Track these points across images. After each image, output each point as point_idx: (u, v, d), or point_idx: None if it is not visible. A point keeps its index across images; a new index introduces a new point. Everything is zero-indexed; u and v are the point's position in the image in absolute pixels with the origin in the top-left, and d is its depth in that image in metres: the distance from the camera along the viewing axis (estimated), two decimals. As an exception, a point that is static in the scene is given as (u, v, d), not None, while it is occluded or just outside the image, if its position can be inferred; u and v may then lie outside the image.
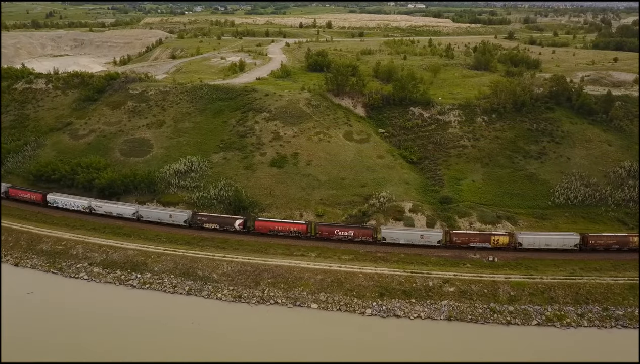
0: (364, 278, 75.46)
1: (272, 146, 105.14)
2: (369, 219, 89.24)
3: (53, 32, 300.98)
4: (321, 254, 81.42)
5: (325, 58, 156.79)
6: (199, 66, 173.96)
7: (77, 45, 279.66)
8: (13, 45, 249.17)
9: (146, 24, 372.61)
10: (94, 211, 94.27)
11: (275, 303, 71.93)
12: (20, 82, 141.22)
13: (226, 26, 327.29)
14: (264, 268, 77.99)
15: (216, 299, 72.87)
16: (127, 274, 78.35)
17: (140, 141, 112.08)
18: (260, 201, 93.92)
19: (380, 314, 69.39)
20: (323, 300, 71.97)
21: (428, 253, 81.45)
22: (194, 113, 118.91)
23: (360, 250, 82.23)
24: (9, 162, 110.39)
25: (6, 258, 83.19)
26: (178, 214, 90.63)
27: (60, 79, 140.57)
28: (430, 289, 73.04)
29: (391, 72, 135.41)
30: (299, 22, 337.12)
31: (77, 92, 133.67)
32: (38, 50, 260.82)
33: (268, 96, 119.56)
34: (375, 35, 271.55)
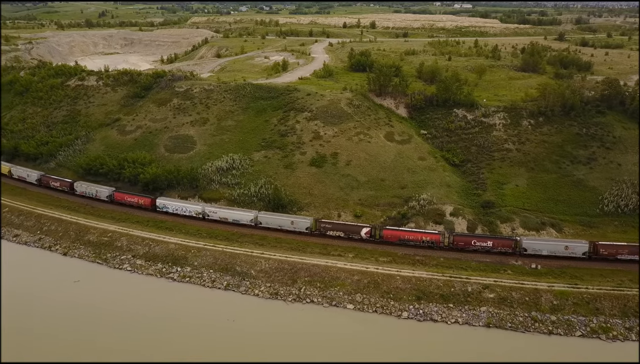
0: (402, 280, 74.63)
1: (312, 145, 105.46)
2: (408, 221, 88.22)
3: (105, 31, 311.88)
4: (358, 255, 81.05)
5: (368, 58, 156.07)
6: (243, 65, 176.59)
7: (127, 44, 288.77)
8: (67, 43, 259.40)
9: (193, 23, 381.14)
10: (207, 216, 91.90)
11: (311, 301, 72.11)
12: (73, 79, 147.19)
13: (270, 26, 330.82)
14: (300, 267, 78.31)
15: (253, 296, 73.69)
16: (168, 268, 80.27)
17: (184, 137, 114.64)
18: (299, 200, 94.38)
19: (417, 317, 68.47)
20: (359, 301, 71.64)
21: (468, 258, 79.80)
22: (237, 111, 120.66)
23: (399, 252, 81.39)
24: (61, 155, 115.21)
25: (55, 247, 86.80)
26: (300, 221, 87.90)
27: (110, 77, 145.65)
28: (469, 294, 71.53)
29: (435, 73, 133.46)
30: (343, 22, 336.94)
31: (125, 89, 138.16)
32: (90, 49, 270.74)
33: (310, 96, 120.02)
34: (419, 36, 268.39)
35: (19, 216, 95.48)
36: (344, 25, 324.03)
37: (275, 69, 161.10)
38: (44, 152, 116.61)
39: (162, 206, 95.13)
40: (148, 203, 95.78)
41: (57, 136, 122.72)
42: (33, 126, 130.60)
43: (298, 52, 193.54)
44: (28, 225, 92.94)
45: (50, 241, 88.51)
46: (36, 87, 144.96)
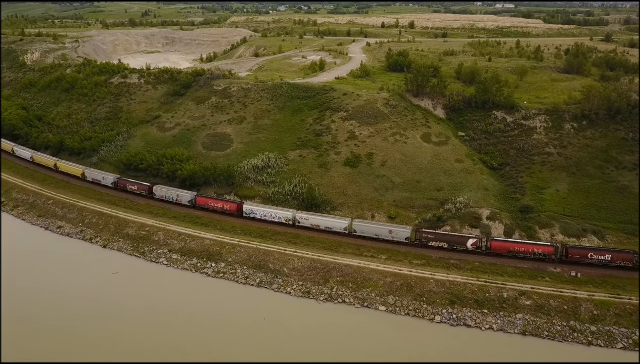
0: (435, 283, 73.63)
1: (347, 145, 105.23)
2: (443, 224, 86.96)
3: (147, 30, 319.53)
4: (391, 257, 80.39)
5: (406, 58, 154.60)
6: (280, 64, 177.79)
7: (168, 43, 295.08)
8: (112, 42, 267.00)
9: (232, 22, 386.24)
10: (298, 223, 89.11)
11: (343, 301, 71.99)
12: (116, 77, 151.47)
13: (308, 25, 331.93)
14: (333, 266, 78.26)
15: (285, 293, 74.12)
16: (203, 263, 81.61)
17: (222, 135, 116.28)
18: (333, 200, 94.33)
19: (449, 322, 67.43)
20: (391, 303, 71.07)
21: (504, 263, 78.07)
22: (274, 110, 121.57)
23: (433, 256, 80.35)
24: (103, 150, 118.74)
25: (96, 239, 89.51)
26: (399, 231, 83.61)
27: (152, 74, 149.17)
28: (505, 300, 69.93)
29: (474, 73, 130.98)
30: (381, 21, 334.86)
31: (165, 87, 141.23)
32: (133, 47, 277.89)
33: (346, 95, 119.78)
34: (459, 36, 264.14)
35: (63, 208, 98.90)
36: (382, 25, 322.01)
37: (312, 68, 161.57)
38: (87, 147, 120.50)
39: (250, 212, 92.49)
40: (234, 209, 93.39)
41: (99, 131, 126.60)
42: (77, 121, 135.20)
43: (335, 52, 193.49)
44: (71, 217, 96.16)
45: (91, 233, 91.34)
46: (81, 84, 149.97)
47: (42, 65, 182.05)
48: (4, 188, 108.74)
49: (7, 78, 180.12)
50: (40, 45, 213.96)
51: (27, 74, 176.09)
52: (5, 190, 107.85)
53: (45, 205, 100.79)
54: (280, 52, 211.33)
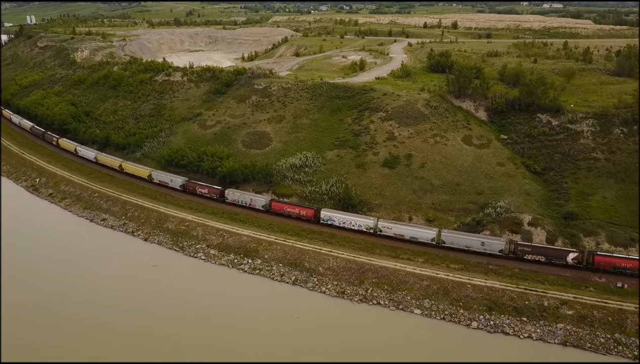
0: (473, 289, 72.19)
1: (386, 145, 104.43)
2: (483, 228, 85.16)
3: (191, 29, 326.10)
4: (428, 260, 79.32)
5: (448, 59, 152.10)
6: (321, 64, 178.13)
7: (211, 42, 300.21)
8: (157, 41, 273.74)
9: (274, 22, 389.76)
10: (380, 232, 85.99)
11: (377, 303, 71.52)
12: (161, 75, 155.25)
13: (350, 25, 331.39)
14: (368, 267, 77.84)
15: (320, 293, 74.22)
16: (240, 259, 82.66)
17: (261, 134, 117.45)
18: (370, 200, 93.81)
19: (487, 328, 66.00)
20: (427, 307, 70.12)
21: (545, 271, 75.79)
22: (313, 110, 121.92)
23: (471, 260, 78.80)
24: (146, 146, 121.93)
25: (138, 233, 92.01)
26: (493, 243, 79.80)
27: (194, 73, 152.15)
28: (545, 309, 67.86)
29: (519, 75, 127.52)
30: (424, 22, 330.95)
31: (208, 85, 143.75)
32: (177, 46, 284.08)
33: (386, 96, 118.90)
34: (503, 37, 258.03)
35: (107, 201, 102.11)
36: (424, 26, 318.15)
37: (352, 68, 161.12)
38: (131, 142, 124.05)
39: (327, 219, 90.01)
40: (311, 215, 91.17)
41: (143, 128, 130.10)
42: (123, 118, 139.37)
43: (376, 52, 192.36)
44: (114, 210, 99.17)
45: (134, 226, 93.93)
46: (127, 82, 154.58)
47: (91, 63, 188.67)
48: (53, 180, 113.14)
49: (59, 75, 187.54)
50: (89, 44, 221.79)
51: (77, 71, 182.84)
52: (54, 182, 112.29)
53: (91, 198, 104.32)
54: (321, 51, 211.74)
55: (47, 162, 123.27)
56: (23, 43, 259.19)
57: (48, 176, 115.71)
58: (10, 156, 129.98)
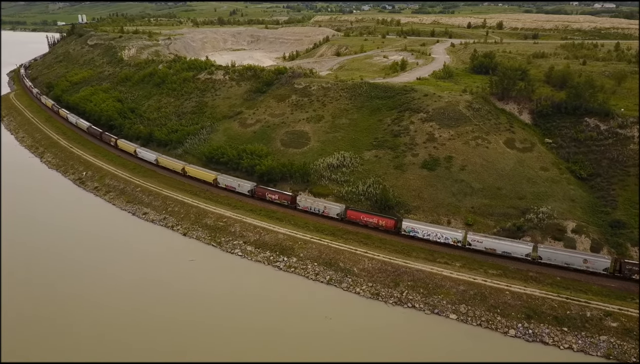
0: (511, 296, 70.33)
1: (426, 147, 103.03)
2: (523, 234, 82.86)
3: (234, 29, 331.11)
4: (466, 265, 77.79)
5: (492, 60, 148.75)
6: (361, 64, 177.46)
7: (253, 41, 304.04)
8: (200, 39, 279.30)
9: (316, 22, 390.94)
10: (469, 245, 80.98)
11: (412, 306, 70.68)
12: (203, 73, 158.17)
13: (392, 25, 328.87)
14: (404, 270, 77.00)
15: (354, 293, 73.93)
16: (276, 256, 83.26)
17: (300, 133, 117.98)
18: (407, 202, 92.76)
19: (525, 337, 64.20)
20: (463, 312, 68.79)
21: (589, 280, 73.05)
22: (352, 110, 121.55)
23: (510, 267, 76.80)
24: (187, 143, 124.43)
25: (177, 227, 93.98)
26: (597, 261, 74.41)
27: (236, 71, 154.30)
28: (588, 320, 65.44)
29: (566, 77, 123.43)
30: (467, 22, 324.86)
31: (249, 84, 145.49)
32: (220, 45, 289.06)
33: (427, 97, 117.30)
34: (551, 38, 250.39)
35: (149, 196, 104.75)
36: (468, 26, 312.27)
37: (393, 68, 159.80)
38: (173, 139, 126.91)
39: (409, 230, 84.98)
40: (391, 225, 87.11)
41: (185, 125, 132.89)
42: (166, 114, 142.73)
43: (418, 52, 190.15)
44: (155, 205, 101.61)
45: (173, 221, 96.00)
46: (171, 80, 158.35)
47: (137, 61, 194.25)
48: (98, 174, 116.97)
49: (107, 72, 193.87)
50: (136, 42, 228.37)
51: (123, 69, 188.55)
52: (99, 176, 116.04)
53: (134, 192, 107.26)
54: (362, 51, 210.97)
55: (94, 156, 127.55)
56: (74, 41, 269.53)
57: (94, 169, 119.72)
58: (60, 149, 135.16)
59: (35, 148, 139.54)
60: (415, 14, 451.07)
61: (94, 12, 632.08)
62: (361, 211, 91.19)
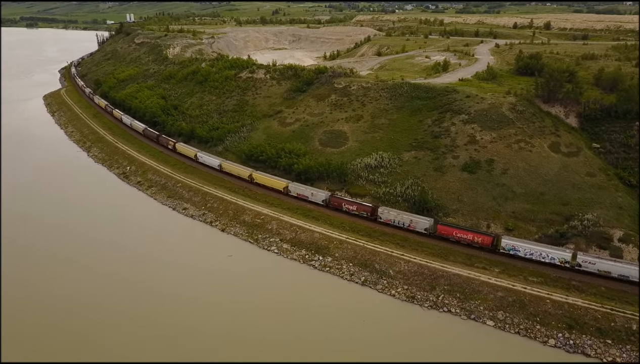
0: (552, 305, 68.18)
1: (466, 149, 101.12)
2: (567, 242, 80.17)
3: (276, 28, 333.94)
4: (505, 271, 75.90)
5: (539, 61, 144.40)
6: (402, 64, 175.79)
7: (295, 40, 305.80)
8: (243, 38, 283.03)
9: (357, 21, 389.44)
10: (579, 267, 74.14)
11: (448, 311, 69.54)
12: (245, 71, 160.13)
13: (434, 25, 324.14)
14: (441, 274, 75.83)
15: (389, 296, 73.33)
16: (311, 255, 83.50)
17: (338, 133, 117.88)
18: (446, 205, 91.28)
19: (565, 347, 62.16)
20: (501, 319, 67.19)
21: (635, 292, 69.97)
22: (391, 110, 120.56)
23: (551, 274, 74.46)
24: (228, 140, 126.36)
25: (215, 223, 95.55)
26: None
27: (277, 71, 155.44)
28: (634, 333, 62.74)
29: (617, 80, 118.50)
30: (514, 22, 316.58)
31: (289, 83, 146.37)
32: (262, 44, 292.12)
33: (469, 98, 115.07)
34: (602, 39, 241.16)
35: (189, 192, 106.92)
36: (514, 26, 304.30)
37: (435, 69, 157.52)
38: (214, 136, 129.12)
39: (509, 248, 79.27)
40: (488, 242, 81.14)
41: (226, 122, 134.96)
42: (208, 112, 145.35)
43: (461, 53, 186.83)
44: (195, 201, 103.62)
45: (212, 217, 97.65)
46: (213, 78, 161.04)
47: (181, 59, 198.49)
48: (141, 169, 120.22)
49: (152, 70, 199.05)
50: (180, 41, 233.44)
51: (168, 67, 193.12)
52: (142, 171, 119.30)
53: (175, 187, 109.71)
54: (404, 51, 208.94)
55: (137, 151, 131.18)
56: (122, 40, 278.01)
57: (138, 164, 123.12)
58: (106, 144, 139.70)
59: (83, 142, 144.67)
60: (459, 14, 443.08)
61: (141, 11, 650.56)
62: (454, 226, 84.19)
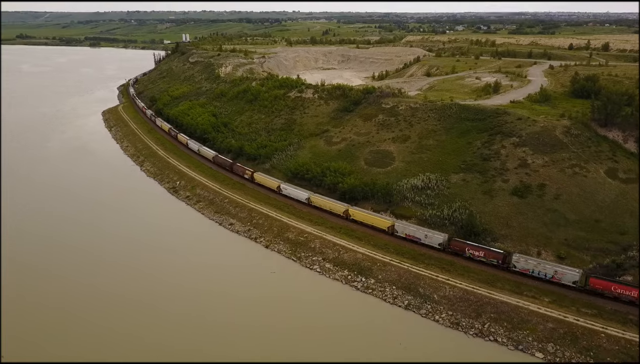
0: (607, 339, 64.54)
1: (517, 173, 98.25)
2: (624, 273, 76.01)
3: (325, 48, 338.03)
4: (556, 301, 72.59)
5: (595, 83, 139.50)
6: (452, 85, 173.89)
7: (343, 60, 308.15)
8: (293, 58, 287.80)
9: (407, 42, 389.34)
10: None
11: (494, 340, 67.02)
12: (294, 91, 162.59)
13: (486, 46, 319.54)
14: (487, 301, 73.34)
15: (433, 321, 71.51)
16: (354, 276, 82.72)
17: (384, 153, 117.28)
18: (494, 230, 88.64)
19: (622, 387, 58.55)
20: (551, 351, 64.12)
21: (702, 331, 65.35)
22: (440, 131, 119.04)
23: (607, 307, 70.63)
24: (275, 158, 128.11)
25: (260, 240, 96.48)
26: None
27: (325, 90, 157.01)
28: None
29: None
30: (569, 43, 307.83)
31: (336, 102, 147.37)
32: (311, 64, 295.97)
33: (520, 121, 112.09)
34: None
35: (235, 207, 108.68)
36: (569, 47, 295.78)
37: (485, 90, 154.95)
38: (262, 154, 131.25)
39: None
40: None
41: (274, 141, 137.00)
42: (256, 130, 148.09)
43: (513, 74, 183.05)
44: (241, 216, 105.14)
45: (257, 233, 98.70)
46: (263, 97, 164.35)
47: (232, 78, 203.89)
48: (190, 184, 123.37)
49: (204, 88, 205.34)
50: (232, 60, 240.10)
51: (219, 85, 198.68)
52: (191, 186, 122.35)
53: (222, 203, 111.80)
54: (453, 72, 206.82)
55: (187, 167, 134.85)
56: (177, 58, 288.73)
57: (187, 179, 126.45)
58: (158, 159, 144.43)
59: (136, 157, 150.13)
60: (511, 35, 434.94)
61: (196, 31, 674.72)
62: (608, 280, 73.27)
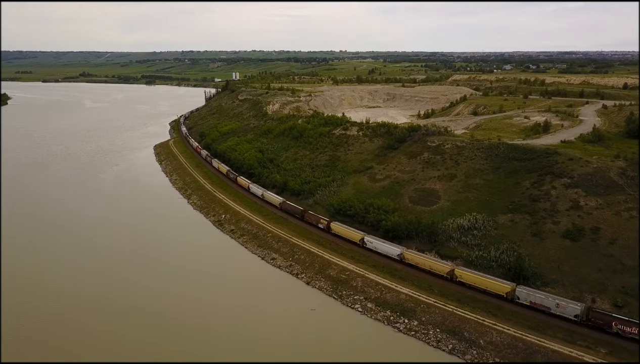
0: (672, 398, 59.67)
1: (569, 215, 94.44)
2: (688, 325, 70.72)
3: (371, 86, 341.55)
4: (614, 353, 68.06)
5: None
6: (499, 124, 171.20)
7: (389, 99, 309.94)
8: (338, 96, 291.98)
9: (453, 81, 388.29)
10: None
11: (545, 392, 63.26)
12: (338, 128, 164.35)
13: (535, 85, 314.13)
14: (537, 349, 69.56)
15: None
16: (396, 317, 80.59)
17: (429, 191, 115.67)
18: (545, 274, 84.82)
19: None
20: (608, 409, 59.79)
21: None
22: (487, 170, 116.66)
23: (671, 362, 65.65)
24: (318, 194, 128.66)
25: (301, 275, 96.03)
26: None
27: (370, 128, 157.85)
28: None
29: None
30: (623, 82, 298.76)
31: (381, 140, 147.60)
32: (357, 102, 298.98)
33: (572, 161, 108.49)
34: None
35: (278, 242, 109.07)
36: (624, 87, 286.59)
37: (534, 130, 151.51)
38: (305, 189, 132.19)
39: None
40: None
41: (318, 177, 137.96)
42: (301, 166, 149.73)
43: (563, 113, 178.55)
44: (284, 251, 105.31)
45: (298, 269, 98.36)
46: (308, 134, 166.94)
47: (279, 115, 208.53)
48: (235, 218, 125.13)
49: (252, 125, 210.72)
50: (280, 98, 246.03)
51: (267, 122, 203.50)
52: (236, 220, 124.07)
53: (265, 237, 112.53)
54: (501, 111, 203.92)
55: (233, 201, 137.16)
56: (227, 96, 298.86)
57: (232, 213, 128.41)
58: (205, 193, 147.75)
59: (184, 190, 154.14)
60: (562, 74, 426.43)
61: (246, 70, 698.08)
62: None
